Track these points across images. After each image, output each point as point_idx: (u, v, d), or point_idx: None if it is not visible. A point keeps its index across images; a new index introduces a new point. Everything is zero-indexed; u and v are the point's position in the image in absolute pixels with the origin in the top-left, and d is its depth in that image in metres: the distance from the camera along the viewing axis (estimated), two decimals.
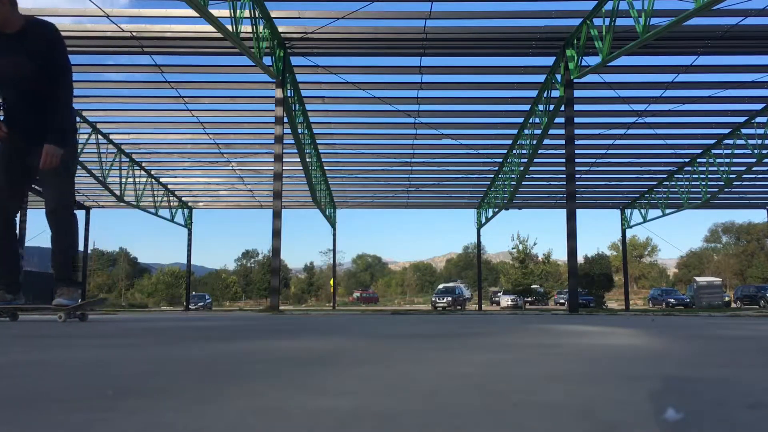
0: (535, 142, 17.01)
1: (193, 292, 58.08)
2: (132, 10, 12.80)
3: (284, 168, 19.03)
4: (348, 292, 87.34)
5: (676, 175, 21.90)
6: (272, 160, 20.08)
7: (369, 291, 74.93)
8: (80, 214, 25.66)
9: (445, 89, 16.86)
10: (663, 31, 9.56)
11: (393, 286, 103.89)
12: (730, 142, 18.34)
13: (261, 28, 12.19)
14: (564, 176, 22.54)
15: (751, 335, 3.06)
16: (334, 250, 27.66)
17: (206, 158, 21.08)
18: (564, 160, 18.89)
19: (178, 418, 0.83)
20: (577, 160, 21.22)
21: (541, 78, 15.73)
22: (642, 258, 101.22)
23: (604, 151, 20.12)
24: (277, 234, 13.05)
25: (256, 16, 11.45)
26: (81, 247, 25.62)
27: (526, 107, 17.27)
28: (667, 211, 23.14)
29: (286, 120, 14.84)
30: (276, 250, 13.13)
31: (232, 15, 10.11)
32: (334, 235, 27.48)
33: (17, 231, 4.59)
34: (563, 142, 19.12)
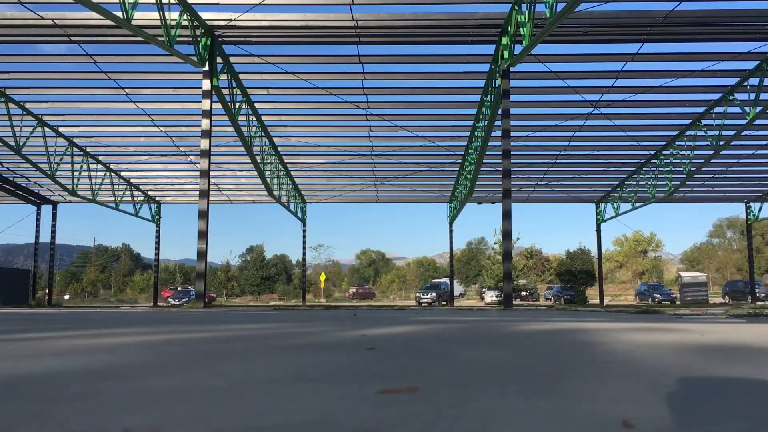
0: (484, 134, 16.53)
1: (188, 288, 58.07)
2: None
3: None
4: (350, 287, 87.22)
5: (644, 168, 21.34)
6: (234, 153, 19.95)
7: (365, 287, 74.76)
8: (46, 209, 25.55)
9: (391, 79, 16.39)
10: (565, 13, 9.07)
11: (396, 281, 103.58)
12: (692, 133, 17.78)
13: (177, 14, 11.82)
14: (536, 169, 22.20)
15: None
16: (304, 245, 27.26)
17: (162, 151, 20.76)
18: (535, 152, 18.60)
19: None
20: (541, 153, 20.83)
21: (486, 67, 15.25)
22: (646, 253, 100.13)
23: (566, 143, 19.60)
24: (203, 236, 12.63)
25: (163, 1, 11.06)
26: (48, 240, 25.46)
27: (477, 98, 16.81)
28: (637, 204, 22.58)
29: (222, 112, 14.52)
30: (201, 253, 12.71)
31: (122, 1, 9.73)
32: (304, 230, 27.12)
33: None
34: (525, 134, 18.76)
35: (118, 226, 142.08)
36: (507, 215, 12.49)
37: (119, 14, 9.71)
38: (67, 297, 51.23)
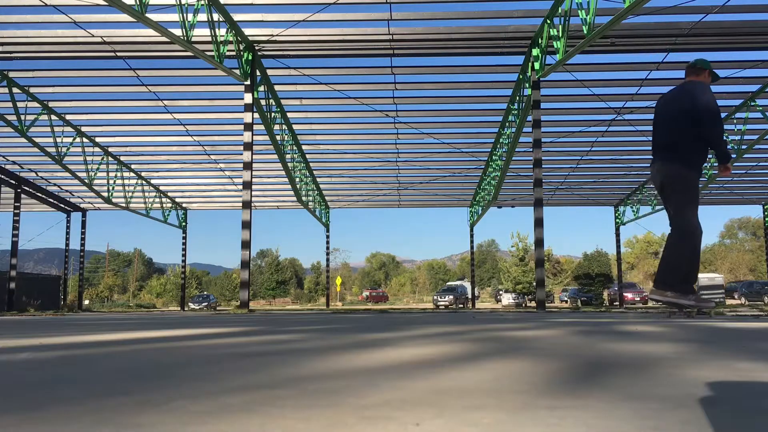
0: (511, 140, 17.01)
1: (206, 293, 58.78)
2: (100, 16, 13.02)
3: (278, 169, 19.39)
4: (361, 290, 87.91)
5: None
6: (261, 161, 20.52)
7: (378, 290, 75.21)
8: (75, 216, 26.19)
9: (421, 89, 16.93)
10: (605, 29, 9.55)
11: (407, 284, 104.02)
12: None
13: (224, 31, 12.37)
14: (556, 174, 22.67)
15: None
16: (327, 250, 27.81)
17: (193, 159, 21.36)
18: (557, 158, 19.04)
19: None
20: (562, 158, 21.34)
21: (514, 76, 15.74)
22: (658, 254, 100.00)
23: (588, 149, 20.06)
24: (246, 245, 13.11)
25: (214, 20, 11.62)
26: (78, 247, 26.07)
27: (504, 106, 17.31)
28: (657, 207, 22.98)
29: (258, 121, 15.05)
30: (245, 263, 13.21)
31: (182, 20, 10.29)
32: (328, 236, 27.66)
33: None
34: (549, 140, 19.24)
35: (128, 231, 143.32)
36: (539, 223, 12.86)
37: (178, 32, 10.27)
38: (87, 302, 51.96)
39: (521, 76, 15.15)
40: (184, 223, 26.83)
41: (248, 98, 13.57)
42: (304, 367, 1.47)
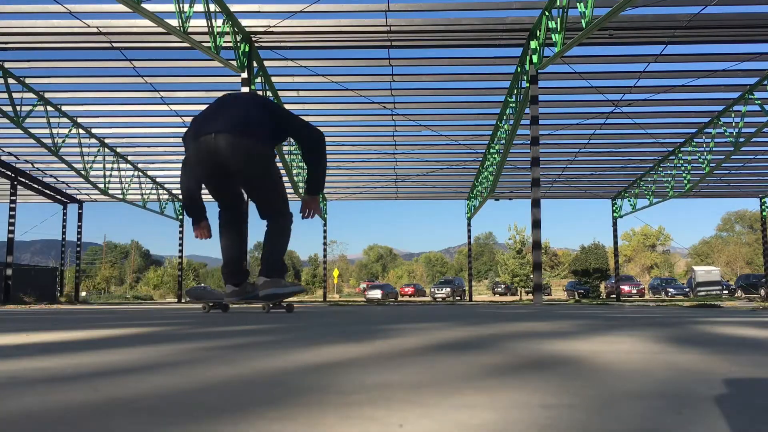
0: (509, 134, 16.98)
1: (203, 284, 58.75)
2: (96, 6, 12.93)
3: (277, 160, 19.33)
4: (358, 283, 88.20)
5: (661, 165, 21.75)
6: None
7: (376, 282, 75.30)
8: (72, 208, 26.15)
9: (418, 81, 16.86)
10: (603, 21, 9.51)
11: (404, 277, 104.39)
12: (710, 131, 18.20)
13: (220, 22, 12.30)
14: (553, 167, 22.67)
15: None
16: (324, 242, 27.80)
17: None
18: (554, 150, 19.03)
19: None
20: (560, 150, 21.33)
21: (512, 69, 15.70)
22: (654, 247, 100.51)
23: (586, 141, 20.04)
24: None
25: (211, 10, 11.55)
26: (75, 239, 26.02)
27: (502, 98, 17.27)
28: (654, 200, 23.00)
29: None
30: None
31: (178, 10, 10.23)
32: (325, 228, 27.66)
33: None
34: (547, 132, 19.22)
35: (125, 223, 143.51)
36: (537, 224, 12.83)
37: (174, 23, 10.21)
38: (84, 294, 51.93)
39: (519, 69, 15.11)
40: (181, 216, 26.78)
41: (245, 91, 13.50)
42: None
